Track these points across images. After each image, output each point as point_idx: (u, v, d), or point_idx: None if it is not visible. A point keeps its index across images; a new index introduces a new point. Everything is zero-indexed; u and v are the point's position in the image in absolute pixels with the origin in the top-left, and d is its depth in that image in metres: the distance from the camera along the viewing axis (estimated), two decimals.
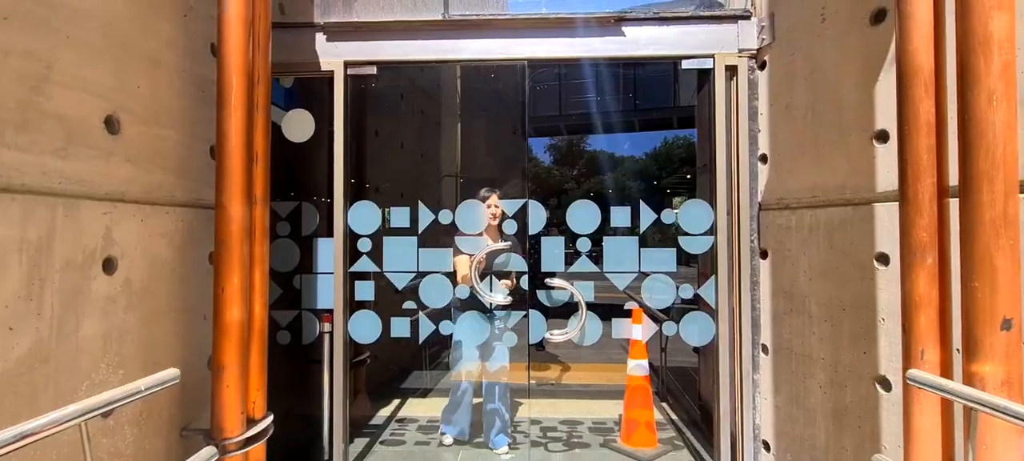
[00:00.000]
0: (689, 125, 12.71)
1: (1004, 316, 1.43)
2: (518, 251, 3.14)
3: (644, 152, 16.33)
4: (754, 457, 2.69)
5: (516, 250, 3.14)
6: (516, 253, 3.13)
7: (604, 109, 5.51)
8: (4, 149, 1.42)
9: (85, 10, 1.70)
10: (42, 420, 1.18)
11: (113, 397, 1.37)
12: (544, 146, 5.01)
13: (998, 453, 1.43)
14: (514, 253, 3.13)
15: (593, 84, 11.53)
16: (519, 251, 3.15)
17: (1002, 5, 1.44)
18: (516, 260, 3.14)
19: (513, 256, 3.14)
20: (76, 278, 1.66)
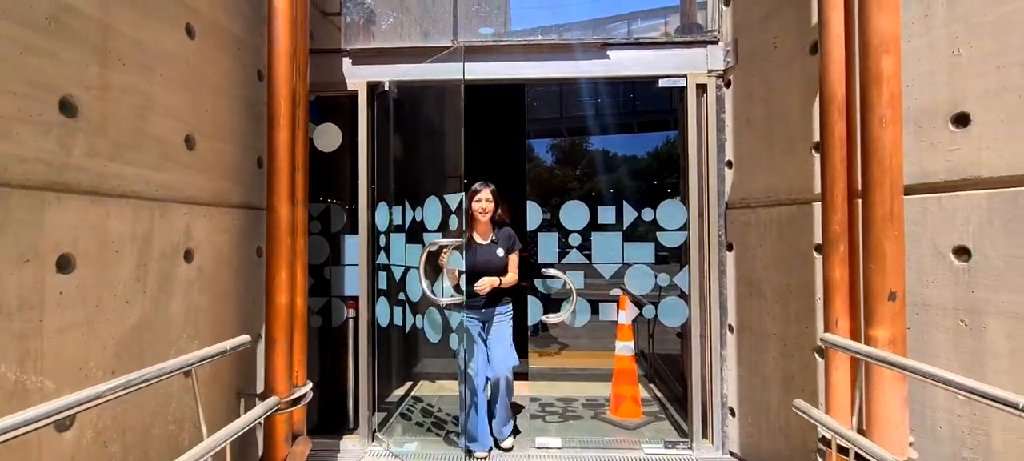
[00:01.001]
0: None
1: (891, 290, 1.85)
2: (509, 248, 3.11)
3: (646, 152, 16.84)
4: (722, 422, 3.11)
5: (511, 246, 3.11)
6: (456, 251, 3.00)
7: (603, 111, 5.87)
8: (123, 165, 1.86)
9: (171, 52, 2.14)
10: (172, 363, 1.62)
11: (210, 352, 1.82)
12: (546, 146, 5.36)
13: (886, 396, 1.86)
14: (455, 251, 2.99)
15: (593, 88, 11.94)
16: (512, 246, 3.12)
17: (889, 49, 1.86)
18: (454, 258, 3.01)
19: (454, 253, 3.00)
20: (167, 265, 2.10)
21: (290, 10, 2.54)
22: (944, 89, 1.95)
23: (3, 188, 1.43)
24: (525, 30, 7.16)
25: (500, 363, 3.06)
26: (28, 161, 1.51)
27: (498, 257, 3.08)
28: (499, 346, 3.08)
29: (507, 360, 3.08)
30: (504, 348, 3.08)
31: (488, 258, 3.07)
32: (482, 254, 3.07)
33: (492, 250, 3.09)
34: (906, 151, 1.97)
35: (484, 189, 3.07)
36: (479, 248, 3.08)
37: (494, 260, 3.07)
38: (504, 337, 3.10)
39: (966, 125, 1.89)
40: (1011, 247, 1.75)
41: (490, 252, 3.08)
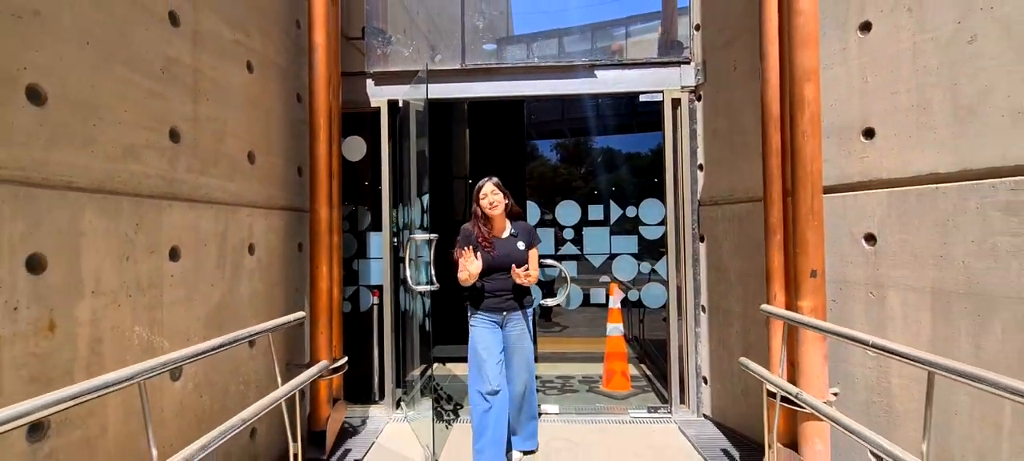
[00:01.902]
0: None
1: (812, 269, 2.34)
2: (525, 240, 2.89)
3: (650, 149, 17.39)
4: (697, 390, 3.61)
5: (531, 240, 2.91)
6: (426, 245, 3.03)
7: (602, 112, 6.27)
8: (208, 177, 2.38)
9: (236, 86, 2.65)
10: (257, 327, 2.14)
11: (281, 322, 2.33)
12: (547, 148, 5.75)
13: (809, 353, 2.35)
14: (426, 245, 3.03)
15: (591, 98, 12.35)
16: (532, 240, 2.91)
17: (810, 79, 2.35)
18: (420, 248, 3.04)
19: (419, 244, 3.03)
20: (237, 257, 2.61)
21: (327, 44, 3.06)
22: (857, 108, 2.44)
23: (138, 198, 1.95)
24: (527, 34, 7.66)
25: (519, 373, 2.83)
26: (152, 177, 2.02)
27: (519, 250, 2.79)
28: (518, 354, 2.82)
29: (527, 370, 2.86)
30: (524, 356, 2.85)
31: (508, 251, 2.77)
32: (501, 247, 2.79)
33: (512, 243, 2.81)
34: (830, 157, 2.47)
35: (487, 182, 2.81)
36: (497, 242, 2.81)
37: (515, 253, 2.77)
38: (527, 344, 2.85)
39: (872, 138, 2.38)
40: (903, 233, 2.24)
41: (510, 245, 2.81)
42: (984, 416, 1.95)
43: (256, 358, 2.81)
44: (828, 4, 2.54)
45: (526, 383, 2.89)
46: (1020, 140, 1.84)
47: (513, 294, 2.80)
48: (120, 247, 1.85)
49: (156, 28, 2.06)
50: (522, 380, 2.86)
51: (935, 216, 2.11)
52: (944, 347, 2.07)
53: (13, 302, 1.46)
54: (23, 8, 1.50)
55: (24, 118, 1.50)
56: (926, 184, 2.15)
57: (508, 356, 2.81)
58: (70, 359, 1.64)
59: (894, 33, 2.26)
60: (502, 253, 2.78)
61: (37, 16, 1.55)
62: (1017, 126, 1.85)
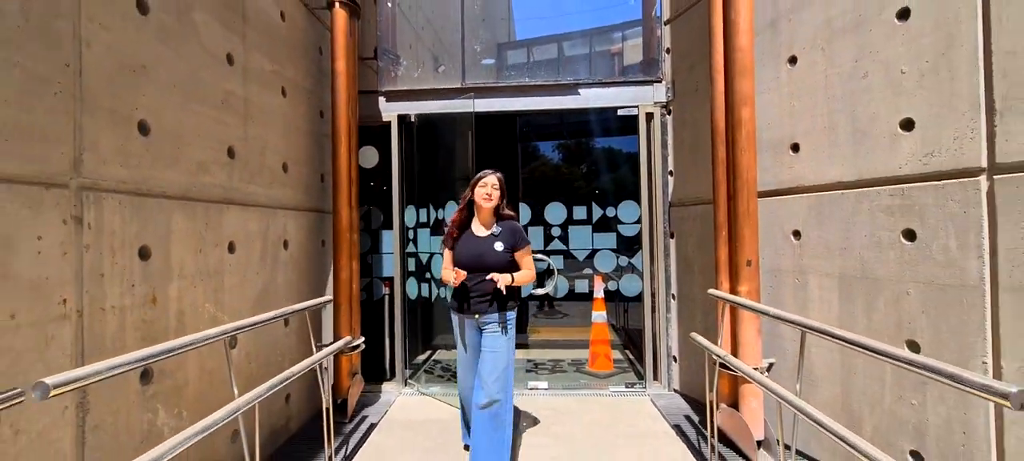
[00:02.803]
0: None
1: (748, 259, 2.86)
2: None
3: (627, 158, 17.97)
4: (668, 367, 4.12)
5: (516, 242, 2.75)
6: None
7: (586, 125, 6.74)
8: (254, 186, 2.91)
9: (274, 108, 3.19)
10: (296, 306, 2.67)
11: (313, 303, 2.86)
12: (540, 153, 6.20)
13: (745, 329, 2.86)
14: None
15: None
16: (517, 242, 2.76)
17: (747, 103, 2.86)
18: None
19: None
20: (275, 251, 3.15)
21: (347, 70, 3.59)
22: (787, 127, 2.95)
23: (207, 203, 2.49)
24: (527, 39, 8.17)
25: (485, 380, 2.56)
26: (216, 187, 2.56)
27: (494, 252, 2.64)
28: (487, 358, 2.59)
29: (493, 377, 2.54)
30: (498, 364, 2.57)
31: (480, 252, 2.65)
32: (474, 246, 2.68)
33: (488, 243, 2.68)
34: (767, 167, 2.98)
35: (491, 175, 2.71)
36: (472, 239, 2.71)
37: (487, 255, 2.63)
38: (501, 350, 2.59)
39: (798, 151, 2.89)
40: (819, 230, 2.75)
41: (485, 245, 2.67)
42: (872, 373, 2.46)
43: (289, 336, 3.35)
44: (766, 40, 3.05)
45: (493, 395, 2.54)
46: (896, 156, 2.35)
47: (489, 296, 2.60)
48: (196, 242, 2.39)
49: (218, 68, 2.60)
50: (488, 390, 2.54)
51: (840, 216, 2.62)
52: (848, 320, 2.58)
53: (131, 281, 2.00)
54: (136, 64, 2.04)
55: (136, 146, 2.04)
56: (834, 190, 2.66)
57: (479, 360, 2.64)
58: (165, 326, 2.18)
59: (812, 67, 2.77)
60: (475, 253, 2.65)
61: (144, 69, 2.08)
62: (894, 145, 2.36)
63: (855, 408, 2.56)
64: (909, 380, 2.30)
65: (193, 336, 1.91)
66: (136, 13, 2.05)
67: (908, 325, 2.30)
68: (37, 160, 1.62)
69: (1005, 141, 1.95)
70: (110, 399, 1.89)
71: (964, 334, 2.09)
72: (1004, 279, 1.95)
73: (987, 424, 2.02)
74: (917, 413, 2.28)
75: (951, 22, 2.12)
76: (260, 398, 2.05)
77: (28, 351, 1.57)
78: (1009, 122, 1.94)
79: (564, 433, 3.33)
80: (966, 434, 2.09)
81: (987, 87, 2.01)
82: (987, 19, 2.01)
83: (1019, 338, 1.92)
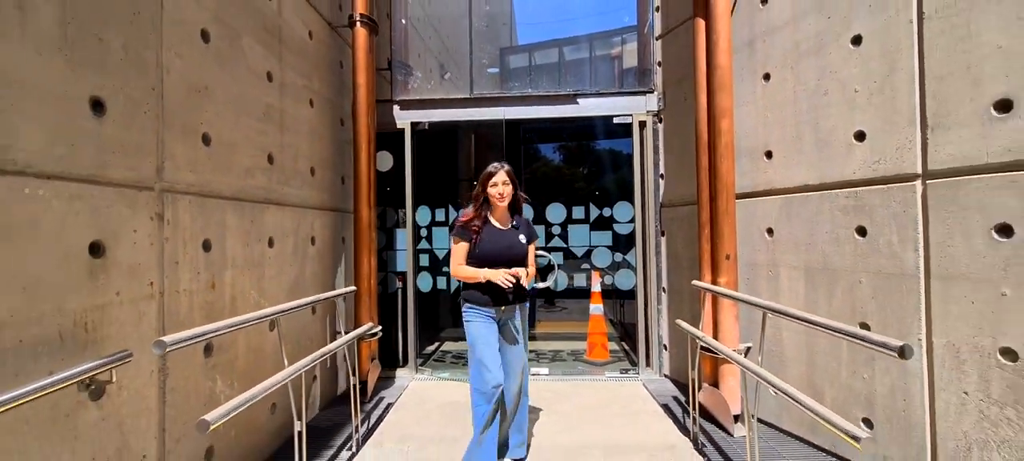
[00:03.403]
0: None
1: (726, 253, 3.22)
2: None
3: (622, 163, 18.49)
4: (659, 355, 4.48)
5: (532, 235, 2.83)
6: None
7: (585, 131, 7.07)
8: (288, 188, 3.28)
9: (304, 118, 3.55)
10: (326, 294, 3.04)
11: (341, 292, 3.23)
12: (552, 149, 6.48)
13: (725, 315, 3.23)
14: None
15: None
16: (532, 235, 2.84)
17: (726, 115, 3.23)
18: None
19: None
20: (305, 246, 3.52)
21: (366, 82, 3.96)
22: (762, 136, 3.31)
23: (253, 203, 2.85)
24: (529, 44, 8.55)
25: (515, 370, 2.69)
26: (259, 189, 2.93)
27: (520, 244, 2.67)
28: (515, 351, 2.71)
29: (522, 367, 2.73)
30: (520, 353, 2.72)
31: (511, 243, 2.65)
32: (502, 238, 2.65)
33: (514, 236, 2.68)
34: (745, 171, 3.35)
35: (500, 170, 2.65)
36: (498, 233, 2.67)
37: (516, 246, 2.65)
38: (523, 339, 2.74)
39: (771, 158, 3.25)
40: (788, 228, 3.11)
41: (511, 238, 2.67)
42: (832, 353, 2.83)
43: (315, 323, 3.71)
44: (743, 58, 3.42)
45: (521, 382, 2.71)
46: (851, 163, 2.71)
47: (513, 288, 2.59)
48: (244, 237, 2.76)
49: (261, 85, 2.97)
50: (517, 379, 2.69)
51: (806, 215, 2.98)
52: (812, 306, 2.94)
53: (197, 269, 2.37)
54: (201, 85, 2.41)
55: (201, 155, 2.41)
56: (801, 192, 3.02)
57: (504, 353, 2.68)
58: (222, 307, 2.55)
59: (783, 83, 3.14)
60: (503, 245, 2.63)
61: (207, 89, 2.45)
62: (849, 153, 2.72)
63: (818, 384, 2.92)
64: (861, 357, 2.66)
65: (259, 312, 2.28)
66: (201, 41, 2.42)
67: (861, 309, 2.66)
68: (134, 168, 1.98)
69: (935, 151, 2.31)
70: (183, 367, 2.26)
71: (904, 316, 2.45)
72: (935, 269, 2.32)
73: (922, 391, 2.38)
74: (867, 385, 2.64)
75: (894, 50, 2.49)
76: (305, 368, 2.42)
77: (128, 323, 1.94)
78: (938, 136, 2.30)
79: (563, 411, 3.70)
80: (905, 400, 2.46)
81: (921, 106, 2.37)
82: (921, 49, 2.37)
83: (946, 318, 2.28)
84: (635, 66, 5.00)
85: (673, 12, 4.25)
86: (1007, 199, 2.05)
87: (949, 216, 2.25)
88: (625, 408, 3.76)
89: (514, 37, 8.83)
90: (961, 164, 2.21)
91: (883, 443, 2.57)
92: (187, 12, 2.33)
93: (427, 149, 5.08)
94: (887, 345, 1.56)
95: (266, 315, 2.33)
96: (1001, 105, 2.07)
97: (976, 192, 2.15)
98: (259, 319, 2.31)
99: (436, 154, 5.52)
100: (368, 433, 3.34)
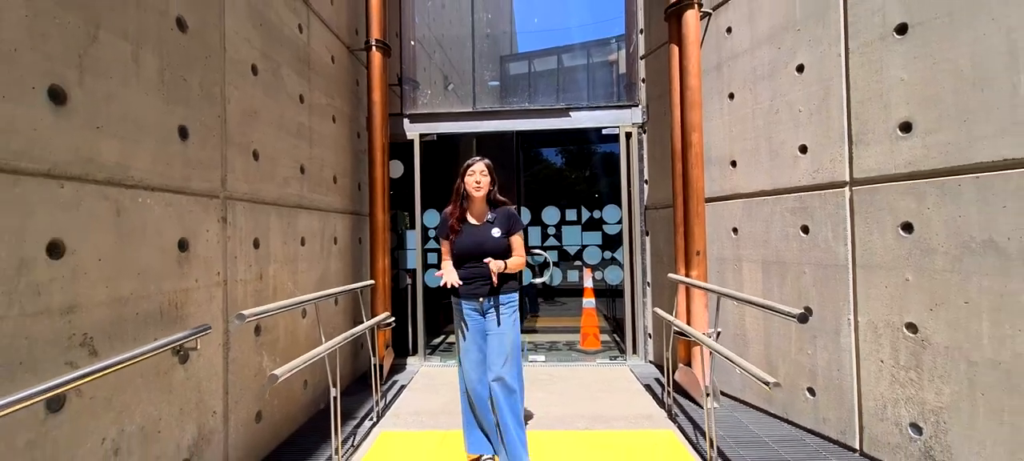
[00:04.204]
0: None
1: (697, 250, 3.71)
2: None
3: (611, 169, 19.19)
4: (644, 343, 4.97)
5: (511, 227, 2.74)
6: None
7: (577, 140, 7.63)
8: (316, 194, 3.78)
9: (327, 133, 4.05)
10: (351, 286, 3.53)
11: (362, 284, 3.72)
12: (548, 155, 6.93)
13: (695, 304, 3.72)
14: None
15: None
16: (512, 227, 2.74)
17: (696, 129, 3.72)
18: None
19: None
20: (329, 245, 4.01)
21: (380, 99, 4.46)
22: (727, 147, 3.80)
23: (289, 208, 3.35)
24: (528, 52, 9.07)
25: (493, 362, 2.59)
26: (293, 195, 3.42)
27: (492, 238, 2.66)
28: (494, 340, 2.62)
29: (502, 358, 2.58)
30: (504, 346, 2.60)
31: (480, 240, 2.66)
32: (475, 234, 2.69)
33: (486, 231, 2.69)
34: (714, 178, 3.83)
35: (478, 162, 2.72)
36: (472, 229, 2.71)
37: (487, 241, 2.65)
38: (505, 333, 2.62)
39: (735, 167, 3.74)
40: (749, 227, 3.59)
41: (483, 233, 2.68)
42: (784, 334, 3.31)
43: (338, 314, 4.21)
44: (712, 79, 3.91)
45: (504, 377, 2.57)
46: (797, 172, 3.20)
47: (488, 278, 2.61)
48: (282, 236, 3.26)
49: (295, 107, 3.47)
50: (497, 371, 2.57)
51: (763, 216, 3.47)
52: (767, 294, 3.42)
53: (249, 262, 2.86)
54: (251, 110, 2.91)
55: (252, 168, 2.91)
56: (759, 196, 3.51)
57: (486, 344, 2.67)
58: (267, 296, 3.04)
59: (744, 102, 3.63)
60: (475, 241, 2.66)
61: (256, 113, 2.95)
62: (796, 163, 3.21)
63: (773, 360, 3.40)
64: (806, 336, 3.15)
65: (307, 296, 2.78)
66: (251, 75, 2.92)
67: (805, 295, 3.15)
68: (207, 181, 2.48)
69: (858, 163, 2.80)
70: (240, 343, 2.75)
71: (837, 300, 2.94)
72: (859, 259, 2.80)
73: (851, 362, 2.87)
74: (811, 359, 3.13)
75: (828, 78, 2.98)
76: (339, 345, 2.90)
77: (202, 304, 2.43)
78: (860, 150, 2.79)
79: (556, 390, 4.18)
80: (839, 371, 2.94)
81: (848, 125, 2.86)
82: (848, 79, 2.86)
83: (868, 300, 2.76)
84: (623, 82, 5.50)
85: (654, 35, 4.75)
86: (909, 202, 2.54)
87: (868, 216, 2.74)
88: (610, 387, 4.24)
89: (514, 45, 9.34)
90: (877, 174, 2.70)
91: (823, 407, 3.06)
92: (242, 51, 2.83)
93: (434, 157, 5.57)
94: (789, 313, 2.05)
95: (313, 298, 2.83)
96: (904, 127, 2.56)
97: (887, 196, 2.64)
98: (309, 301, 2.80)
99: (442, 162, 6.01)
100: (386, 408, 3.83)
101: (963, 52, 2.31)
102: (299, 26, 3.56)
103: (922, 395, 2.51)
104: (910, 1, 2.53)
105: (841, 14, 2.89)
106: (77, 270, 1.77)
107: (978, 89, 2.26)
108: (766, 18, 3.41)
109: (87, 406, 1.80)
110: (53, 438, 1.67)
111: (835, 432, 2.98)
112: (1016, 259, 2.13)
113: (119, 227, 1.95)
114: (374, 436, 3.31)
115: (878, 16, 2.67)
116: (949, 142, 2.37)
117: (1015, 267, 2.14)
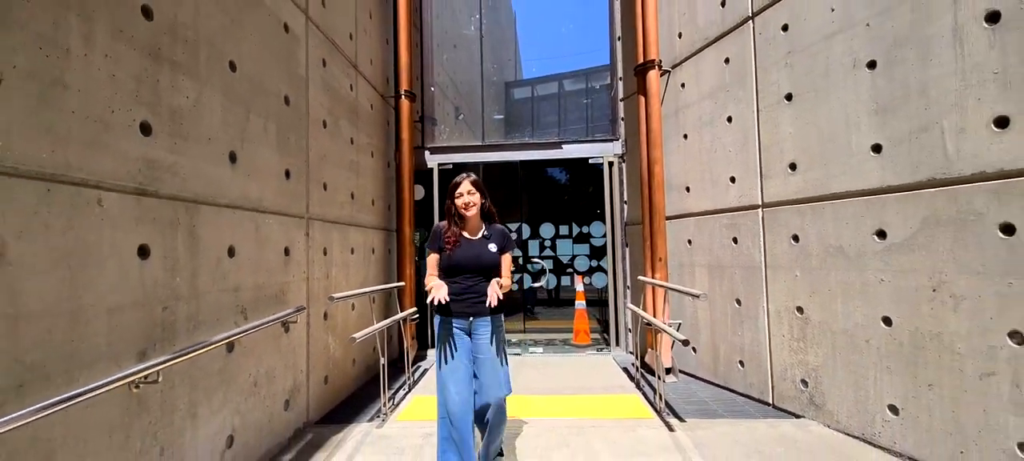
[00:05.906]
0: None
1: (660, 257, 4.73)
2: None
3: (597, 191, 20.45)
4: (626, 337, 5.95)
5: (505, 244, 2.68)
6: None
7: (568, 168, 9.05)
8: (361, 214, 4.83)
9: (367, 165, 5.12)
10: (388, 285, 4.56)
11: (395, 285, 4.75)
12: (545, 176, 7.93)
13: (659, 301, 4.72)
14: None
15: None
16: (506, 244, 2.69)
17: (658, 162, 4.76)
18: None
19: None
20: (368, 255, 5.06)
21: (408, 137, 5.54)
22: (683, 177, 4.83)
23: (344, 225, 4.39)
24: (531, 78, 10.20)
25: (490, 385, 2.50)
26: (346, 216, 4.47)
27: (489, 253, 2.60)
28: (488, 363, 2.52)
29: (499, 382, 2.52)
30: (495, 366, 2.52)
31: (478, 253, 2.59)
32: (471, 248, 2.60)
33: (483, 245, 2.63)
34: (674, 201, 4.87)
35: (464, 181, 2.63)
36: (467, 243, 2.63)
37: (484, 255, 2.59)
38: (494, 353, 2.53)
39: (689, 192, 4.76)
40: (700, 238, 4.60)
41: (480, 247, 2.62)
42: (724, 321, 4.30)
43: (376, 311, 5.23)
44: (672, 123, 4.96)
45: (495, 400, 2.50)
46: (730, 197, 4.22)
47: (484, 296, 2.49)
48: (340, 247, 4.30)
49: (347, 148, 4.54)
50: (490, 395, 2.49)
51: (710, 230, 4.48)
52: (711, 291, 4.42)
53: (320, 265, 3.90)
54: (323, 154, 3.97)
55: (323, 196, 3.96)
56: (706, 215, 4.52)
57: (477, 367, 2.53)
58: (331, 291, 4.08)
59: (694, 142, 4.67)
60: (471, 255, 2.58)
61: (326, 156, 4.02)
62: (728, 190, 4.23)
63: (717, 343, 4.39)
64: (738, 321, 4.14)
65: (369, 288, 3.80)
66: (322, 128, 4.00)
67: (736, 290, 4.15)
68: (298, 206, 3.54)
69: (767, 191, 3.82)
70: (315, 324, 3.78)
71: (756, 293, 3.93)
72: (768, 262, 3.81)
73: (766, 339, 3.85)
74: (741, 339, 4.11)
75: (747, 128, 4.01)
76: (387, 325, 3.92)
77: (295, 293, 3.47)
78: (767, 182, 3.81)
79: (551, 373, 5.17)
80: (758, 346, 3.93)
81: (760, 163, 3.89)
82: (759, 129, 3.89)
83: (775, 292, 3.76)
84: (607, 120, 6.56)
85: (628, 84, 5.82)
86: (796, 220, 3.55)
87: (773, 230, 3.75)
88: (594, 371, 5.23)
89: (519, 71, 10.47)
90: (777, 199, 3.72)
91: (750, 375, 4.03)
92: (317, 112, 3.91)
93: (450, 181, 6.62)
94: (693, 293, 3.06)
95: (376, 290, 3.87)
96: (792, 166, 3.59)
97: (783, 216, 3.66)
98: (374, 292, 3.84)
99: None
100: (413, 384, 4.83)
101: (823, 116, 3.35)
102: (350, 85, 4.65)
103: (806, 358, 3.49)
104: (794, 78, 3.57)
105: (754, 82, 3.94)
106: (240, 264, 2.81)
107: (831, 142, 3.29)
108: (707, 79, 4.47)
109: (243, 351, 2.84)
110: (230, 369, 2.70)
111: (757, 392, 3.96)
112: (854, 259, 3.14)
113: (257, 238, 3.00)
114: (409, 399, 4.31)
115: (775, 86, 3.72)
116: (817, 178, 3.39)
117: (853, 264, 3.14)
